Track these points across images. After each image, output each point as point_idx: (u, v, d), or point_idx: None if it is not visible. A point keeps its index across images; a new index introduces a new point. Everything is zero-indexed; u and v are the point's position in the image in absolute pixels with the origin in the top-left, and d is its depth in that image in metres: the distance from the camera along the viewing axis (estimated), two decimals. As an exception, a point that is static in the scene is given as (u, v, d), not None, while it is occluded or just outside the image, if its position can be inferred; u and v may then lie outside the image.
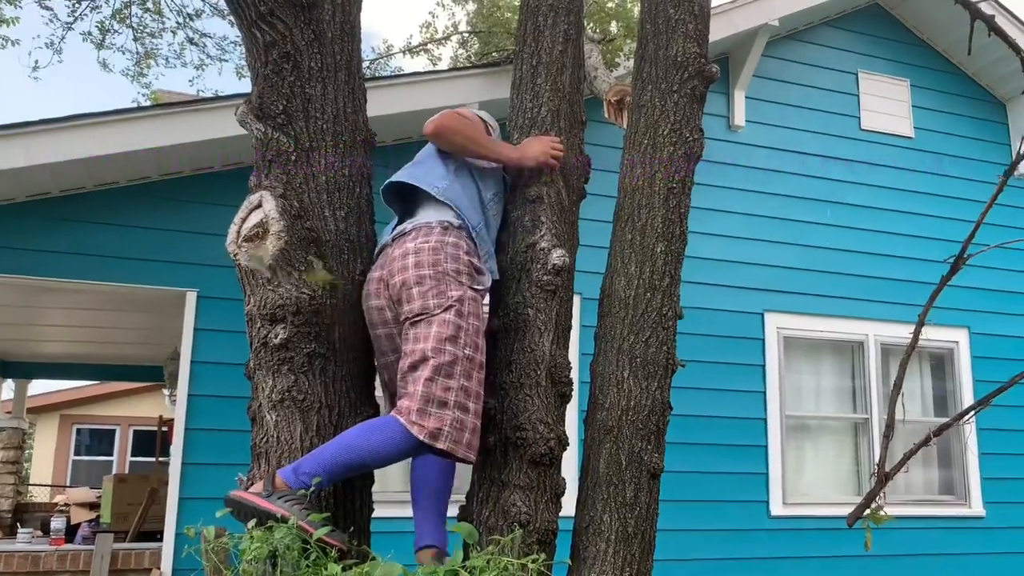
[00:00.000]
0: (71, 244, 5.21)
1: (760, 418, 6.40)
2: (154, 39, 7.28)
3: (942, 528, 6.68)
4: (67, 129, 4.89)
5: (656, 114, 2.55)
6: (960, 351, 7.06)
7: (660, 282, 2.50)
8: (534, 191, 2.48)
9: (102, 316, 7.30)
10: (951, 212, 7.16)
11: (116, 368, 10.84)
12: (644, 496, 2.37)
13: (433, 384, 2.09)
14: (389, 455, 2.11)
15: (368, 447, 2.09)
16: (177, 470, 5.15)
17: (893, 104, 7.32)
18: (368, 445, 2.09)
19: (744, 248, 6.58)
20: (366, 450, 2.09)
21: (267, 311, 2.26)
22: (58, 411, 15.48)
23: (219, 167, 5.50)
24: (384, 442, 2.08)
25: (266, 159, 2.39)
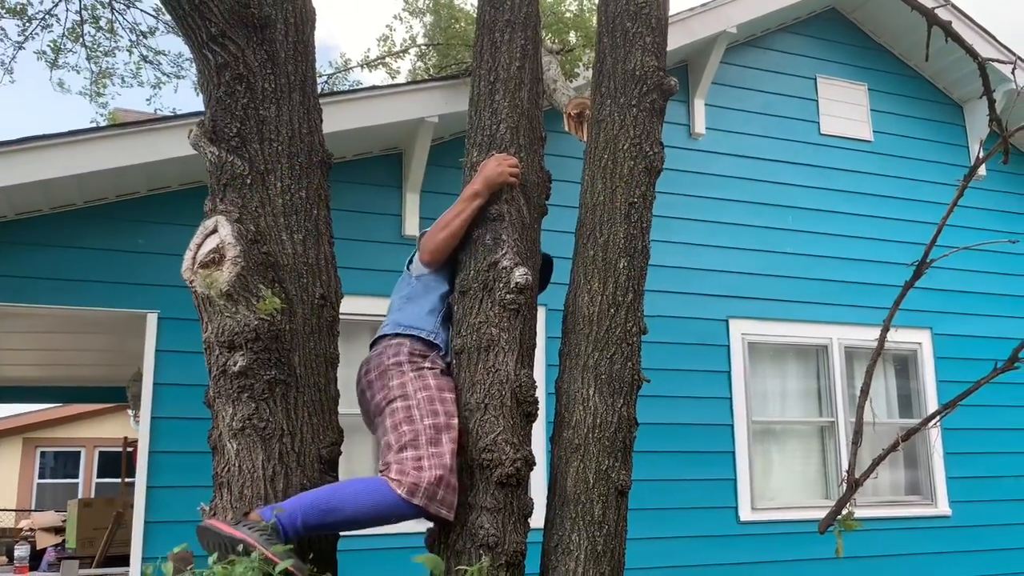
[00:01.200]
0: (28, 268, 5.09)
1: (727, 424, 6.44)
2: (108, 58, 7.17)
3: (909, 528, 6.76)
4: (20, 152, 4.78)
5: (615, 129, 2.55)
6: (923, 352, 7.16)
7: (624, 298, 2.49)
8: (495, 209, 2.47)
9: (63, 339, 7.15)
10: (912, 215, 7.27)
11: (79, 390, 10.65)
12: (612, 514, 2.36)
13: (404, 454, 2.22)
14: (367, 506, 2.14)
15: (351, 493, 2.16)
16: (142, 494, 5.05)
17: (852, 108, 7.43)
18: (351, 491, 2.16)
19: (707, 255, 6.62)
20: (348, 495, 2.15)
21: (225, 338, 2.22)
22: (21, 434, 15.15)
23: (177, 186, 5.42)
24: (365, 491, 2.16)
25: (221, 183, 2.35)
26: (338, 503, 2.14)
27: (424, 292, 2.55)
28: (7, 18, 6.63)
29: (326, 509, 2.12)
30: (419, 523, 2.46)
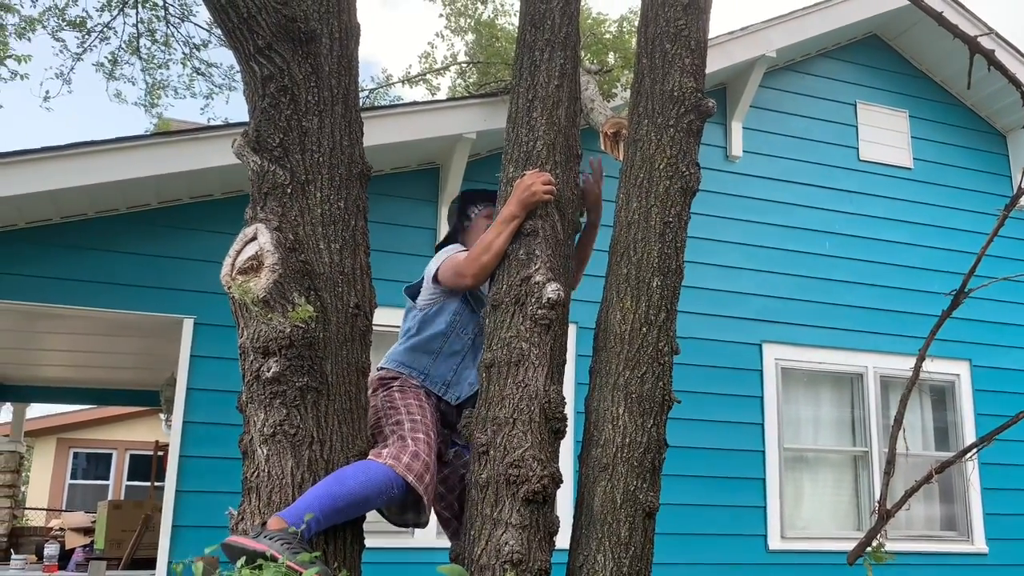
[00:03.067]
0: (71, 270, 5.21)
1: (758, 450, 6.35)
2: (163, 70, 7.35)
3: (944, 565, 6.60)
4: (68, 157, 4.91)
5: (652, 149, 2.55)
6: (961, 384, 7.02)
7: (656, 317, 2.48)
8: (529, 224, 2.48)
9: (100, 341, 7.29)
10: (951, 243, 7.16)
11: (113, 392, 10.81)
12: (639, 535, 2.34)
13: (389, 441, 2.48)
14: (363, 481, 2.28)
15: (351, 472, 2.28)
16: (171, 498, 5.11)
17: (892, 135, 7.35)
18: (351, 470, 2.28)
19: (742, 279, 6.57)
20: (349, 474, 2.27)
21: (260, 344, 2.25)
22: (55, 434, 15.41)
23: (219, 195, 5.52)
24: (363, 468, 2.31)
25: (262, 192, 2.39)
26: (341, 482, 2.23)
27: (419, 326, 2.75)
28: (67, 30, 6.83)
29: (335, 493, 2.21)
30: (443, 539, 2.47)
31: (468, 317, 2.73)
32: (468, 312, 2.74)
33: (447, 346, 2.70)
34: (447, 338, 2.70)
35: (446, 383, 2.69)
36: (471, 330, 2.72)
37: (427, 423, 2.55)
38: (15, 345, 7.70)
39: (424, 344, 2.70)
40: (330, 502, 2.18)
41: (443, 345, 2.70)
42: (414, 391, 2.64)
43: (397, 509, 2.52)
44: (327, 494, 2.19)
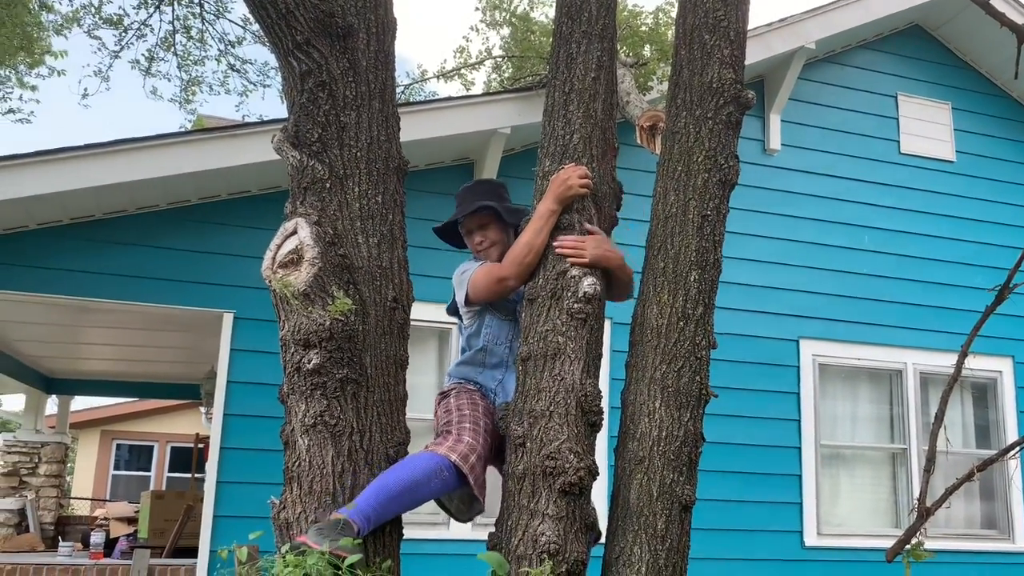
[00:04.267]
0: (113, 265, 5.32)
1: (794, 446, 6.29)
2: (198, 66, 7.46)
3: (983, 563, 6.48)
4: (109, 154, 5.01)
5: (690, 141, 2.54)
6: (1004, 381, 6.88)
7: (694, 311, 2.47)
8: (565, 219, 2.48)
9: (142, 335, 7.43)
10: (994, 238, 7.01)
11: (155, 386, 11.03)
12: (675, 528, 2.34)
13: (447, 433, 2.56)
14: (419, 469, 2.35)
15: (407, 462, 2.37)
16: (212, 488, 5.20)
17: (934, 127, 7.21)
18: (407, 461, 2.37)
19: (779, 274, 6.50)
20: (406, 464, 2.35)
21: (300, 336, 2.28)
22: (99, 427, 15.76)
23: (256, 191, 5.60)
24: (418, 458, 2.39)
25: (301, 186, 2.42)
26: (391, 472, 2.32)
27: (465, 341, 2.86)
28: (104, 28, 6.97)
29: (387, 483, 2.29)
30: (478, 531, 2.50)
31: (499, 326, 2.77)
32: (498, 321, 2.77)
33: (488, 358, 2.77)
34: (487, 352, 2.77)
35: (494, 392, 2.77)
36: (505, 337, 2.75)
37: (476, 415, 2.60)
38: (60, 339, 7.90)
39: (471, 359, 2.79)
40: (384, 492, 2.25)
41: (485, 358, 2.77)
42: (468, 393, 2.71)
43: (459, 502, 2.57)
44: (381, 486, 2.26)
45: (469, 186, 2.98)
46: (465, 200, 2.89)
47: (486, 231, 2.83)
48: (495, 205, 2.79)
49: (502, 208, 2.80)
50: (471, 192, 2.92)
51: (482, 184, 2.97)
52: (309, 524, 2.20)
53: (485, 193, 2.88)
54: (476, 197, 2.86)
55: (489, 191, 2.91)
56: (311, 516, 2.23)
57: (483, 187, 2.96)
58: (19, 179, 4.83)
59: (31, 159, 4.86)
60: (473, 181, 2.97)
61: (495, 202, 2.81)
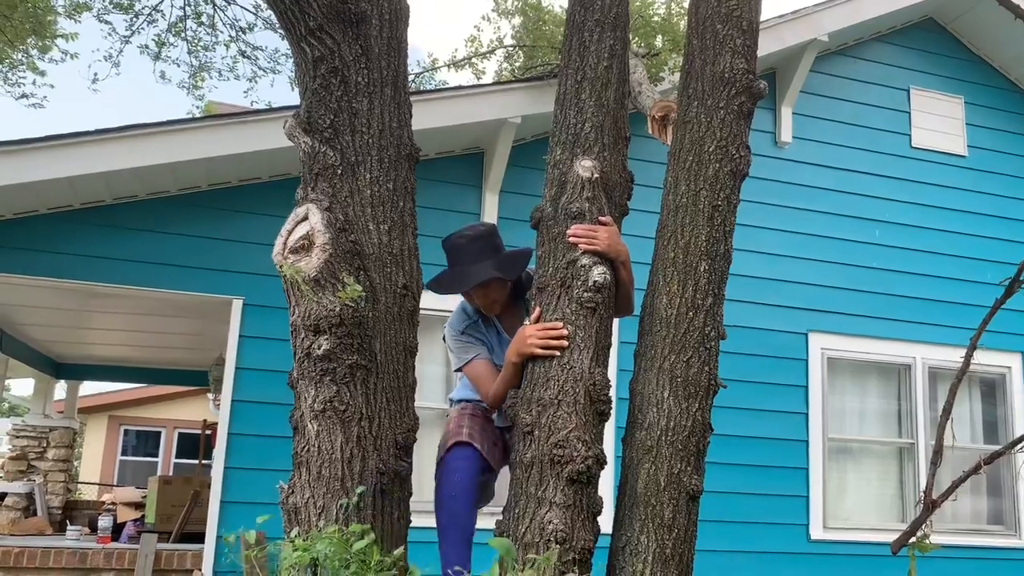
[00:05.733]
0: (123, 251, 5.34)
1: (801, 440, 6.29)
2: (208, 52, 7.45)
3: (989, 559, 6.48)
4: (120, 139, 5.02)
5: (702, 131, 2.53)
6: (1012, 376, 6.86)
7: (703, 301, 2.47)
8: (576, 207, 2.47)
9: (151, 321, 7.46)
10: (1004, 233, 6.98)
11: (163, 372, 11.08)
12: (682, 518, 2.34)
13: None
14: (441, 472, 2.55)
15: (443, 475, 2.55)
16: (220, 474, 5.23)
17: (946, 121, 7.17)
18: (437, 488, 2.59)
19: (789, 266, 6.48)
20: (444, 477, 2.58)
21: (311, 322, 2.29)
22: (107, 412, 15.84)
23: (266, 178, 5.60)
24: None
25: (313, 172, 2.43)
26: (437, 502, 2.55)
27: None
28: (115, 13, 6.97)
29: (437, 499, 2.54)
30: (485, 519, 2.51)
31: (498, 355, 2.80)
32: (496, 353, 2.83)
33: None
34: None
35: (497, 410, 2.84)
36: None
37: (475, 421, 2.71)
38: (69, 324, 7.93)
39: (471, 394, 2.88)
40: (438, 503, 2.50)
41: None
42: (470, 410, 2.80)
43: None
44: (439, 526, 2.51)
45: (461, 243, 2.76)
46: (460, 258, 2.76)
47: (488, 292, 2.77)
48: (499, 275, 2.71)
49: (504, 273, 2.73)
50: (466, 252, 2.75)
51: (476, 241, 2.75)
52: (318, 509, 2.21)
53: (482, 251, 2.73)
54: (474, 258, 2.73)
55: (485, 246, 2.75)
56: (319, 501, 2.24)
57: (478, 244, 2.75)
58: (30, 163, 4.84)
59: (42, 144, 4.87)
60: (463, 234, 2.77)
61: (493, 261, 2.73)
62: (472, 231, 2.79)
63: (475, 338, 2.86)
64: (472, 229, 2.81)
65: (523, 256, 2.81)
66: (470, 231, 2.79)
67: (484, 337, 2.88)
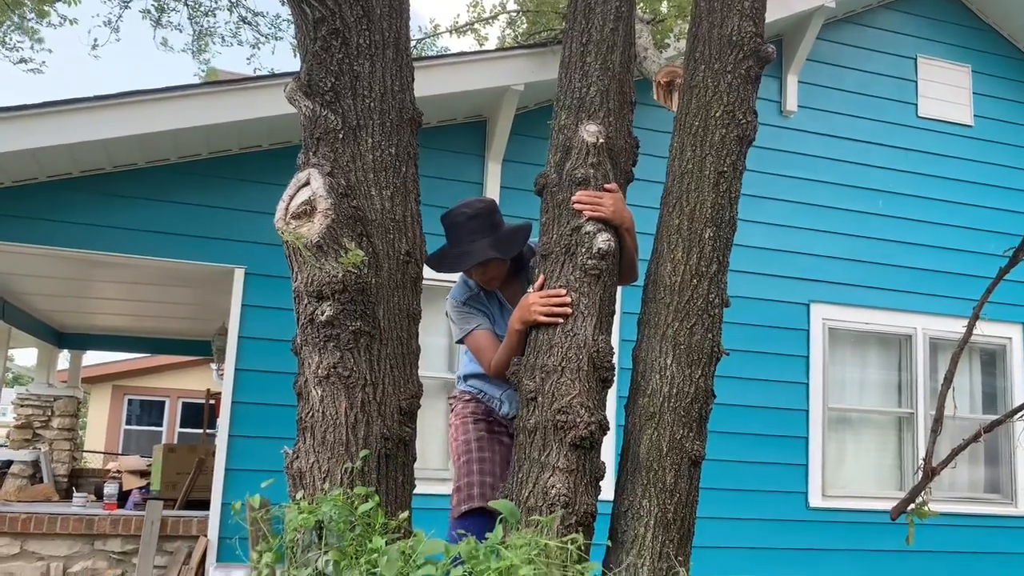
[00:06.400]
0: (124, 219, 5.32)
1: (802, 409, 6.32)
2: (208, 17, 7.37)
3: (986, 527, 6.53)
4: (119, 106, 4.98)
5: (708, 95, 2.50)
6: (1013, 348, 6.87)
7: (707, 268, 2.46)
8: (581, 173, 2.45)
9: (153, 291, 7.46)
10: (1010, 204, 6.94)
11: (166, 342, 11.11)
12: (684, 483, 2.35)
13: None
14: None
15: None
16: (224, 442, 5.26)
17: (953, 91, 7.09)
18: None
19: (792, 237, 6.46)
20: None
21: (314, 288, 2.28)
22: (111, 382, 15.93)
23: (267, 146, 5.57)
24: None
25: (314, 137, 2.40)
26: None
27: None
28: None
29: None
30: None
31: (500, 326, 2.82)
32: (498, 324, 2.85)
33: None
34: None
35: (500, 401, 2.91)
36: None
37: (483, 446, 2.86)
38: (71, 293, 7.93)
39: (478, 371, 2.90)
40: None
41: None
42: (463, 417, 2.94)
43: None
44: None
45: (459, 220, 2.77)
46: (459, 236, 2.76)
47: (487, 270, 2.80)
48: (498, 255, 2.72)
49: (503, 251, 2.73)
50: (465, 230, 2.75)
51: (474, 219, 2.75)
52: (322, 474, 2.22)
53: (480, 229, 2.74)
54: (472, 236, 2.73)
55: (484, 224, 2.75)
56: (324, 465, 2.25)
57: (477, 222, 2.75)
58: (29, 130, 4.81)
59: (40, 110, 4.83)
60: (461, 212, 2.76)
61: (491, 239, 2.73)
62: (470, 208, 2.79)
63: (477, 309, 2.89)
64: (470, 206, 2.81)
65: (522, 231, 2.82)
66: (468, 208, 2.79)
67: (486, 308, 2.90)
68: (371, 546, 1.75)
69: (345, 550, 1.81)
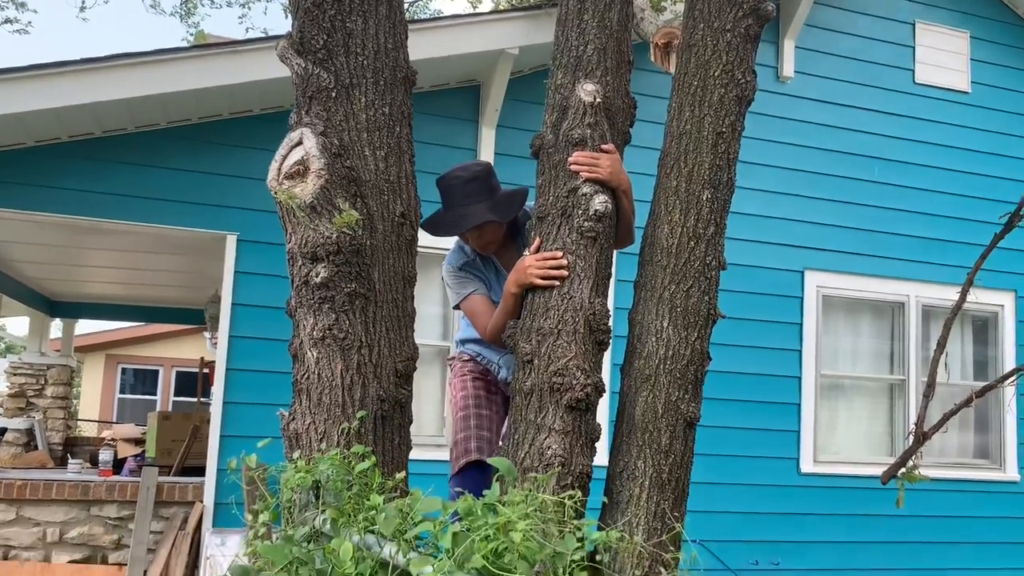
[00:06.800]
0: (113, 185, 5.27)
1: (795, 376, 6.35)
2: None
3: (974, 492, 6.62)
4: (108, 69, 4.90)
5: (707, 54, 2.46)
6: (1005, 315, 6.90)
7: (705, 230, 2.44)
8: (578, 133, 2.43)
9: (145, 258, 7.42)
10: (1006, 172, 6.93)
11: (159, 310, 11.08)
12: (679, 444, 2.36)
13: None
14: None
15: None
16: (219, 409, 5.27)
17: (951, 57, 7.05)
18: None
19: (786, 204, 6.45)
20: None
21: (308, 250, 2.26)
22: (104, 350, 15.91)
23: (258, 110, 5.50)
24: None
25: (306, 95, 2.37)
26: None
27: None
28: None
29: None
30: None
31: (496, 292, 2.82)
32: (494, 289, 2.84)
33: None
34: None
35: (498, 365, 2.93)
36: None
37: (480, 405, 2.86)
38: (62, 261, 7.89)
39: (474, 332, 2.90)
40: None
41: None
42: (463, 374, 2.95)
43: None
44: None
45: (456, 184, 2.75)
46: (455, 199, 2.74)
47: (483, 234, 2.79)
48: (495, 219, 2.71)
49: (500, 214, 2.72)
50: (461, 193, 2.74)
51: (471, 182, 2.73)
52: (319, 435, 2.22)
53: (477, 192, 2.72)
54: (469, 199, 2.72)
55: (481, 187, 2.73)
56: (320, 427, 2.25)
57: (473, 185, 2.73)
58: (15, 93, 4.74)
59: (27, 73, 4.76)
60: (457, 175, 2.75)
61: (489, 203, 2.72)
62: (466, 172, 2.77)
63: (472, 275, 2.89)
64: (466, 170, 2.79)
65: (519, 195, 2.81)
66: (464, 172, 2.77)
67: (482, 274, 2.90)
68: (369, 504, 1.75)
69: (343, 509, 1.81)
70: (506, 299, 2.53)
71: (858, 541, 6.24)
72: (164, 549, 5.19)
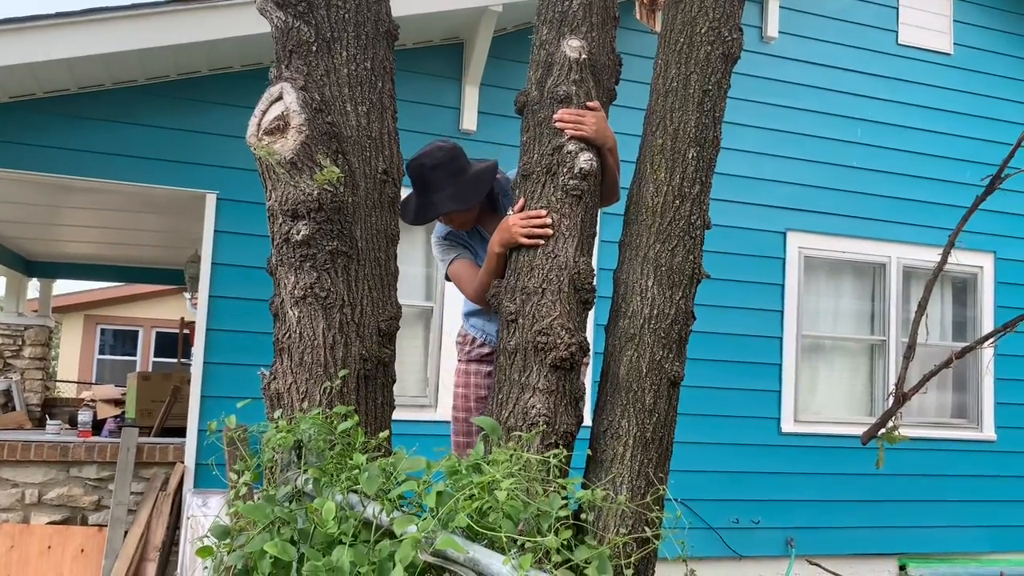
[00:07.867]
0: (90, 142, 5.17)
1: (776, 336, 6.40)
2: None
3: (953, 451, 6.74)
4: (83, 23, 4.78)
5: (694, 11, 2.43)
6: (984, 277, 6.97)
7: (690, 189, 2.43)
8: (563, 90, 2.39)
9: (123, 217, 7.32)
10: (987, 134, 6.95)
11: (138, 271, 10.95)
12: (663, 403, 2.37)
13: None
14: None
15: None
16: (199, 369, 5.24)
17: (933, 18, 7.02)
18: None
19: (769, 165, 6.44)
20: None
21: (288, 207, 2.23)
22: (83, 311, 15.75)
23: (238, 67, 5.39)
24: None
25: (287, 49, 2.31)
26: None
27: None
28: None
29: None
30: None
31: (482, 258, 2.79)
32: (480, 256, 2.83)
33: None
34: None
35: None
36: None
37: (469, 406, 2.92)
38: (37, 219, 7.75)
39: (478, 309, 2.88)
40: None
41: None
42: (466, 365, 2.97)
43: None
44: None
45: (421, 172, 2.72)
46: (424, 187, 2.72)
47: (452, 218, 2.81)
48: (455, 208, 2.70)
49: (461, 202, 2.70)
50: (427, 183, 2.72)
51: (434, 170, 2.70)
52: (301, 394, 2.21)
53: (440, 180, 2.69)
54: (435, 186, 2.70)
55: (446, 173, 2.70)
56: (302, 386, 2.24)
57: (436, 173, 2.70)
58: (-14, 47, 4.61)
59: None
60: (422, 161, 2.70)
61: (451, 189, 2.69)
62: (430, 159, 2.71)
63: (456, 242, 2.88)
64: (430, 156, 2.72)
65: (486, 173, 2.77)
66: (428, 159, 2.72)
67: (467, 242, 2.90)
68: (352, 463, 1.74)
69: (325, 468, 1.80)
70: (490, 259, 2.52)
71: (838, 500, 6.35)
72: (145, 510, 5.19)
